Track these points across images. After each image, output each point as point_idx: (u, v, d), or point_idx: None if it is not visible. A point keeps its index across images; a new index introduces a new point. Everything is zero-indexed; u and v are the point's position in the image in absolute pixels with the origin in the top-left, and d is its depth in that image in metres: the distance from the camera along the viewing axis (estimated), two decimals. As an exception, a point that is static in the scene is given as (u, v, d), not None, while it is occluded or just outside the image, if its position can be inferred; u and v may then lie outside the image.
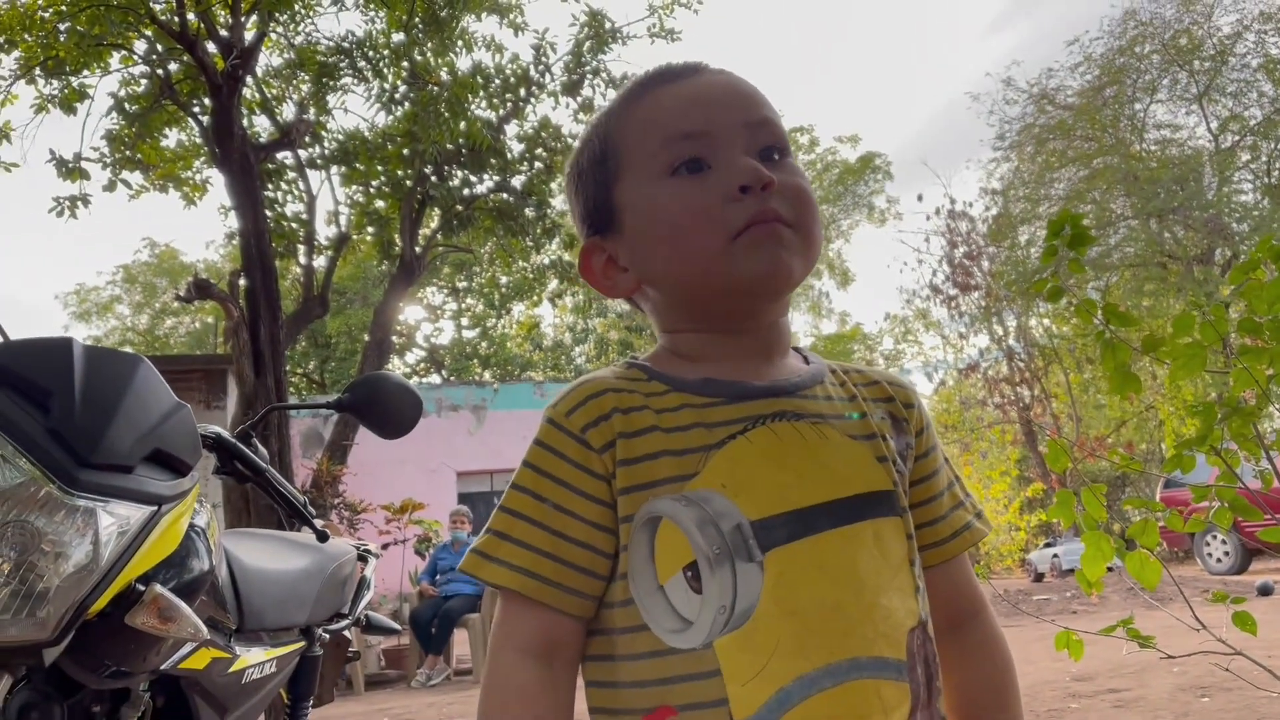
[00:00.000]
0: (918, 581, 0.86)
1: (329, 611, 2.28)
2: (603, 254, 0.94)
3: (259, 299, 8.72)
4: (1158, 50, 17.30)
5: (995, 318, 19.59)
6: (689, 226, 0.85)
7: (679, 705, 0.78)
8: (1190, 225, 16.38)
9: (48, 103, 9.61)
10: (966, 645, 0.93)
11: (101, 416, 1.35)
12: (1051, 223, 2.17)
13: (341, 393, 2.04)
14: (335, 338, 21.50)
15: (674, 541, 0.81)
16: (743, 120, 0.88)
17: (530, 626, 0.82)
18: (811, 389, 0.90)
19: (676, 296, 0.90)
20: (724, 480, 0.82)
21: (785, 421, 0.85)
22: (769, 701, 0.77)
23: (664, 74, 0.93)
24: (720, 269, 0.85)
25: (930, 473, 0.94)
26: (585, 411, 0.85)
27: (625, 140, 0.91)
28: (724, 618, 0.78)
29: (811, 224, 0.88)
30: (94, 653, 1.41)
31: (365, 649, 8.34)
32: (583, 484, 0.84)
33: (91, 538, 1.29)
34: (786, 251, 0.85)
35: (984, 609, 0.95)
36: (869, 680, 0.79)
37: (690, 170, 0.86)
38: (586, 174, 0.95)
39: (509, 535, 0.84)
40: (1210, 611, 2.27)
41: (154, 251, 28.45)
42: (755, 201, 0.84)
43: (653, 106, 0.90)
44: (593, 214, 0.94)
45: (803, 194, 0.88)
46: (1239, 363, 1.94)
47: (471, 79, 10.68)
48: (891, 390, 0.95)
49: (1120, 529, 12.66)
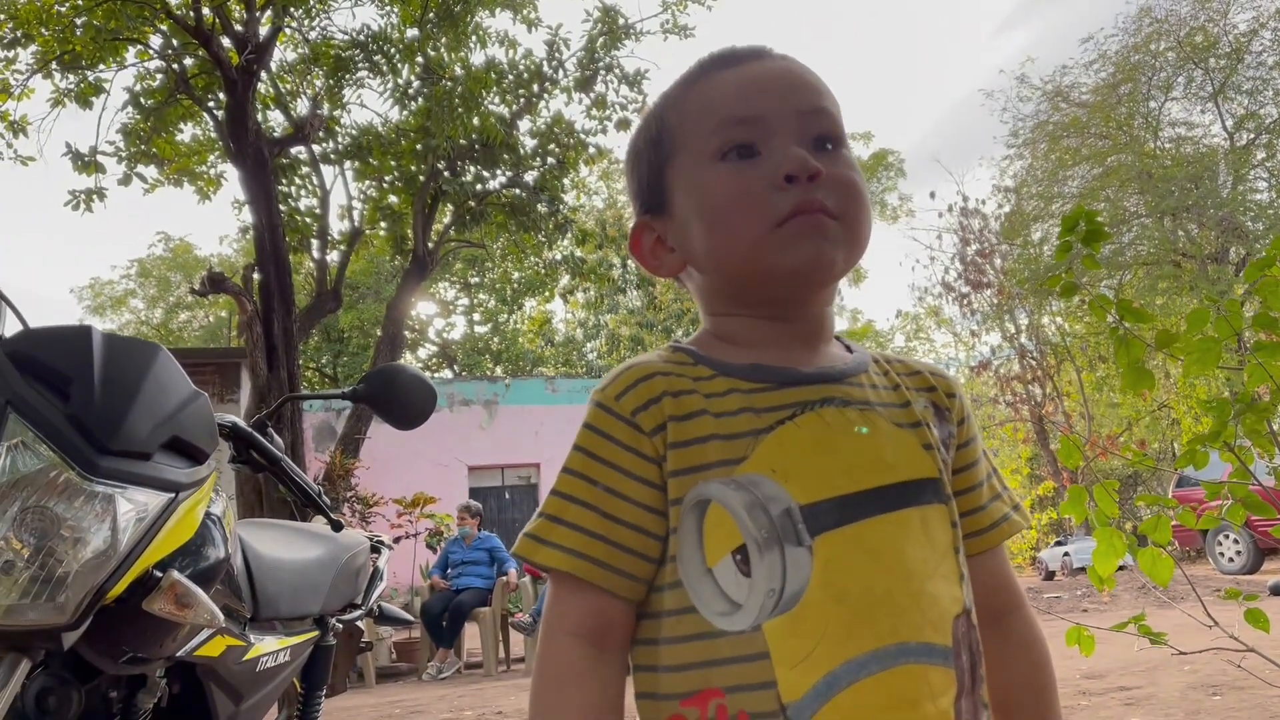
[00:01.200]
0: (962, 569, 0.87)
1: (342, 601, 2.29)
2: (652, 233, 0.95)
3: (272, 293, 8.76)
4: (1173, 47, 17.19)
5: (1007, 315, 19.52)
6: (732, 212, 0.85)
7: (725, 687, 0.78)
8: (1204, 224, 16.29)
9: (64, 97, 9.67)
10: (1007, 641, 0.93)
11: (120, 404, 1.36)
12: (1066, 218, 2.17)
13: (357, 384, 2.05)
14: (348, 332, 21.57)
15: (723, 525, 0.81)
16: (796, 108, 0.87)
17: (582, 609, 0.83)
18: (857, 377, 0.90)
19: (720, 281, 0.91)
20: (773, 465, 0.82)
21: (833, 407, 0.86)
22: (817, 685, 0.77)
23: (725, 57, 0.92)
24: (761, 257, 0.85)
25: (971, 462, 0.95)
26: (635, 395, 0.86)
27: (680, 122, 0.91)
28: (773, 601, 0.79)
29: (858, 217, 0.87)
30: (111, 638, 1.42)
31: (377, 641, 8.37)
32: (634, 467, 0.84)
33: (110, 524, 1.31)
34: (829, 244, 0.84)
35: (1023, 604, 0.95)
36: (916, 665, 0.79)
37: (740, 156, 0.86)
38: (642, 153, 0.95)
39: (561, 519, 0.84)
40: (1223, 609, 2.26)
41: (168, 246, 28.61)
42: (800, 191, 0.84)
43: (708, 90, 0.90)
44: (645, 193, 0.95)
45: (852, 186, 0.87)
46: (1253, 359, 1.93)
47: (485, 74, 10.69)
48: (934, 380, 0.96)
49: (1132, 527, 12.61)
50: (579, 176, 13.11)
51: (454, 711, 5.57)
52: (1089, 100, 17.95)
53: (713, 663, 0.79)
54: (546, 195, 11.45)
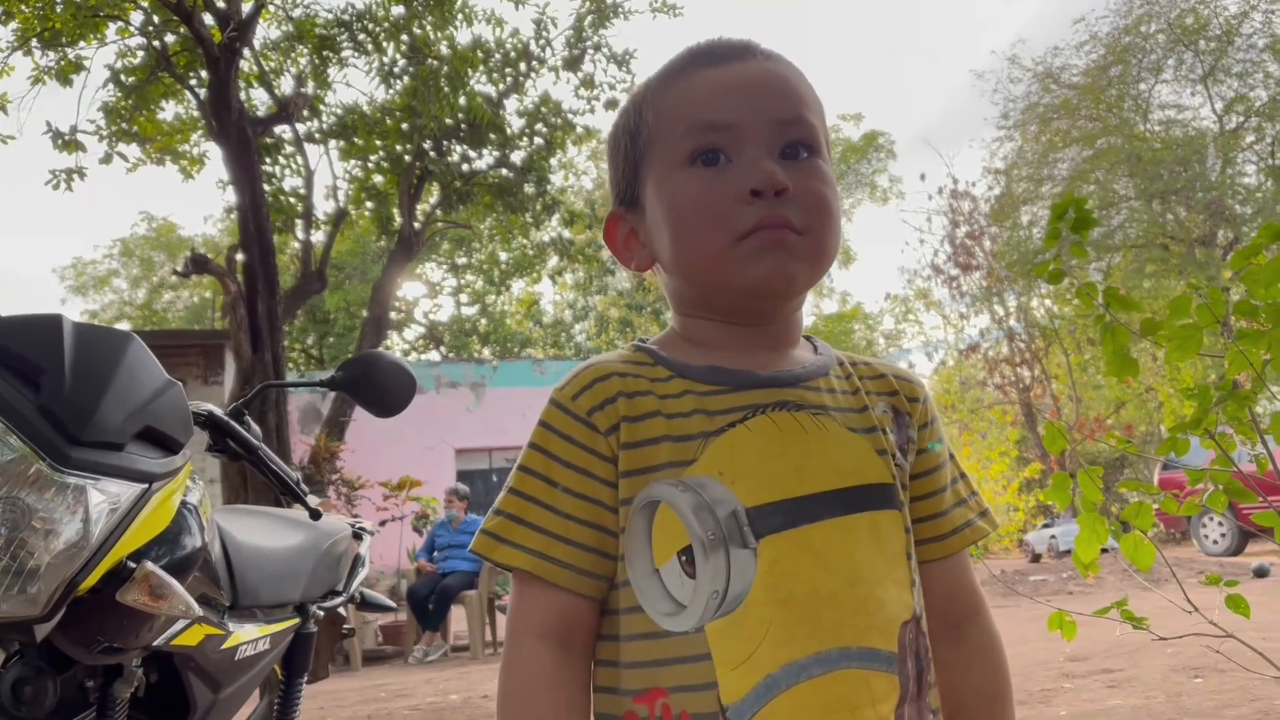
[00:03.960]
0: (914, 575, 0.87)
1: (323, 588, 2.28)
2: (626, 225, 0.95)
3: (257, 274, 8.69)
4: (1163, 30, 17.18)
5: (996, 298, 19.56)
6: (696, 222, 0.85)
7: (669, 687, 0.79)
8: (1193, 207, 16.33)
9: (44, 74, 9.55)
10: (963, 648, 0.92)
11: (92, 394, 1.34)
12: (1055, 205, 2.16)
13: (336, 371, 2.04)
14: (334, 313, 21.48)
15: (671, 526, 0.81)
16: (772, 116, 0.86)
17: (547, 610, 0.83)
18: (815, 380, 0.90)
19: (684, 286, 0.91)
20: (721, 467, 0.82)
21: (786, 411, 0.86)
22: (756, 687, 0.77)
23: (707, 54, 0.90)
24: (722, 269, 0.84)
25: (932, 468, 0.94)
26: (592, 395, 0.86)
27: (655, 120, 0.90)
28: (716, 602, 0.79)
29: (825, 232, 0.86)
30: (86, 629, 1.41)
31: (362, 625, 8.38)
32: (591, 466, 0.84)
33: (82, 515, 1.29)
34: (792, 260, 0.84)
35: (982, 611, 0.95)
36: (858, 670, 0.79)
37: (709, 163, 0.85)
38: (620, 143, 0.95)
39: (522, 519, 0.84)
40: (1205, 593, 2.27)
41: (151, 225, 28.38)
42: (765, 206, 0.83)
43: (686, 89, 0.89)
44: (621, 185, 0.95)
45: (820, 200, 0.86)
46: (1234, 346, 1.93)
47: (471, 53, 10.62)
48: (897, 384, 0.95)
49: (1118, 510, 12.69)
50: (567, 157, 13.04)
51: (440, 695, 5.59)
52: (1079, 82, 17.94)
53: (659, 662, 0.80)
54: (534, 176, 11.40)
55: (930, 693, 0.85)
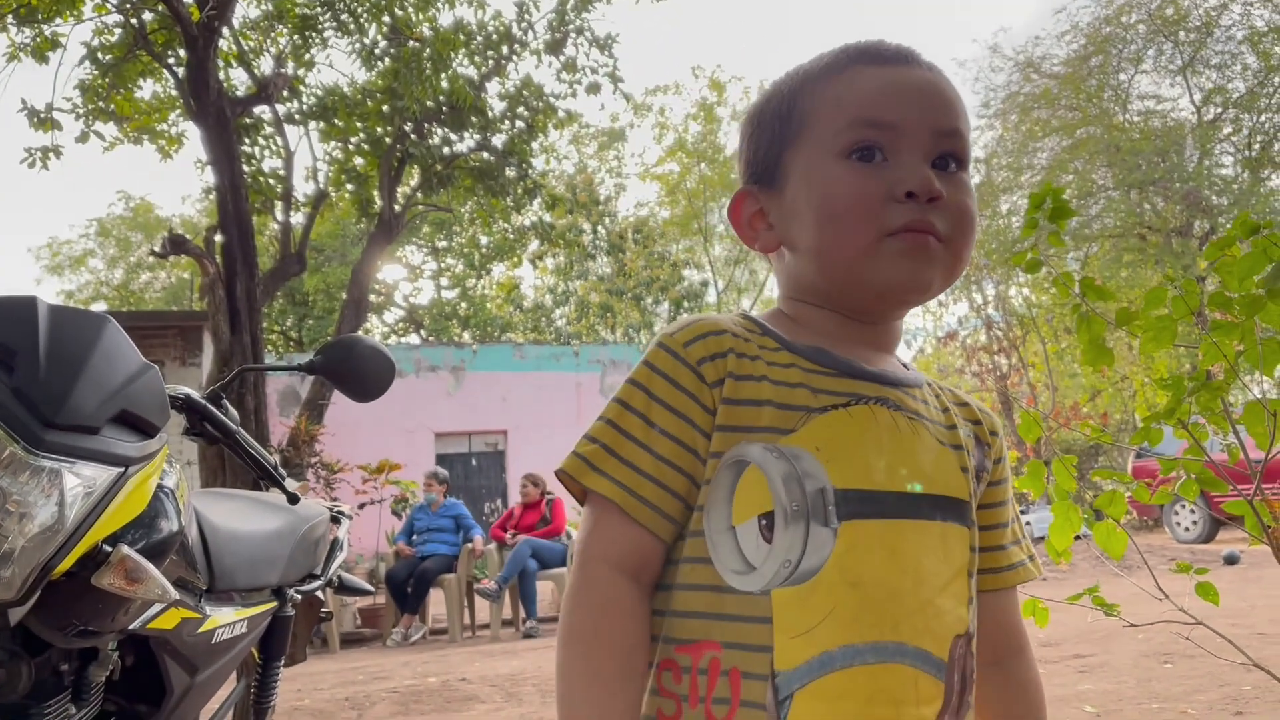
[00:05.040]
0: (972, 593, 0.89)
1: (301, 572, 2.28)
2: (755, 204, 0.95)
3: (235, 255, 8.63)
4: (1144, 20, 17.26)
5: (974, 286, 19.66)
6: (846, 214, 0.86)
7: (724, 642, 0.81)
8: (1170, 198, 16.44)
9: (20, 51, 9.41)
10: (1006, 683, 0.95)
11: (67, 377, 1.33)
12: (1033, 195, 2.17)
13: (315, 355, 2.03)
14: (313, 295, 21.35)
15: (755, 488, 0.83)
16: (933, 125, 0.88)
17: (625, 543, 0.84)
18: (912, 390, 0.92)
19: (814, 274, 0.91)
20: (819, 444, 0.84)
21: (886, 408, 0.88)
22: (811, 660, 0.79)
23: (873, 53, 0.91)
24: (863, 265, 0.86)
25: (999, 502, 0.97)
26: (704, 345, 0.87)
27: (814, 108, 0.90)
28: (787, 571, 0.81)
29: (964, 245, 0.88)
30: (61, 613, 1.40)
31: (341, 608, 8.37)
32: (692, 414, 0.86)
33: (57, 499, 1.28)
34: (931, 266, 0.86)
35: (1027, 650, 0.97)
36: (909, 668, 0.81)
37: (866, 159, 0.86)
38: (766, 125, 0.95)
39: (615, 451, 0.85)
40: (1176, 581, 2.30)
41: (129, 205, 28.09)
42: (916, 210, 0.85)
43: (850, 83, 0.89)
44: (758, 164, 0.95)
45: (965, 213, 0.88)
46: (1208, 338, 1.95)
47: (453, 35, 10.54)
48: (980, 415, 0.99)
49: (1092, 498, 12.82)
50: (548, 141, 12.99)
51: (418, 677, 5.59)
52: (1060, 72, 18.00)
53: (718, 616, 0.82)
54: (515, 159, 11.35)
55: (968, 713, 0.87)
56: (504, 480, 16.70)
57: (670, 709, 0.82)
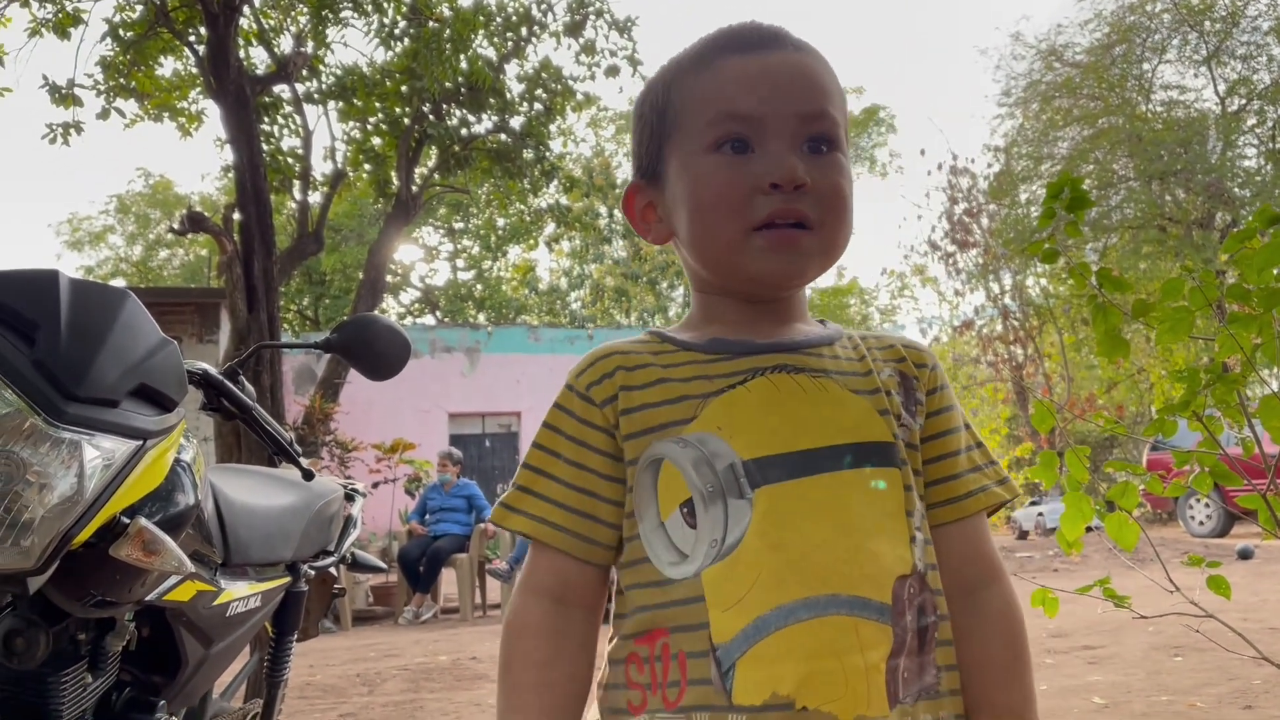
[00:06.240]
0: (914, 532, 0.88)
1: (315, 548, 2.30)
2: (645, 198, 0.98)
3: (253, 234, 8.66)
4: (1168, 9, 17.06)
5: (992, 275, 19.55)
6: (713, 209, 0.88)
7: (670, 628, 0.85)
8: (1192, 189, 16.29)
9: (42, 27, 9.44)
10: (979, 614, 0.91)
11: (88, 350, 1.34)
12: (1051, 185, 2.16)
13: (331, 333, 2.04)
14: (330, 275, 21.43)
15: (674, 481, 0.87)
16: (798, 110, 0.88)
17: (544, 570, 0.91)
18: (818, 348, 0.93)
19: (696, 264, 0.95)
20: (720, 423, 0.87)
21: (785, 374, 0.90)
22: (746, 628, 0.81)
23: (737, 41, 0.92)
24: (733, 257, 0.89)
25: (944, 430, 0.96)
26: (592, 372, 0.93)
27: (684, 102, 0.92)
28: (715, 550, 0.84)
29: (836, 227, 0.89)
30: (79, 583, 1.42)
31: (354, 586, 8.43)
32: (586, 437, 0.91)
33: (76, 470, 1.30)
34: (800, 258, 0.88)
35: (1000, 578, 0.94)
36: (847, 617, 0.81)
37: (736, 150, 0.88)
38: (646, 119, 0.97)
39: (531, 489, 0.92)
40: (1187, 574, 2.30)
41: (148, 182, 28.21)
42: (781, 199, 0.86)
43: (715, 77, 0.90)
44: (643, 158, 0.98)
45: (837, 195, 0.89)
46: (1225, 330, 1.94)
47: (473, 16, 10.51)
48: (905, 352, 0.98)
49: (1105, 489, 12.77)
50: (566, 123, 12.96)
51: (429, 655, 5.64)
52: (1082, 61, 17.82)
53: (661, 606, 0.86)
54: (533, 141, 11.34)
55: (938, 649, 0.86)
56: (516, 462, 16.53)
57: (638, 699, 0.86)
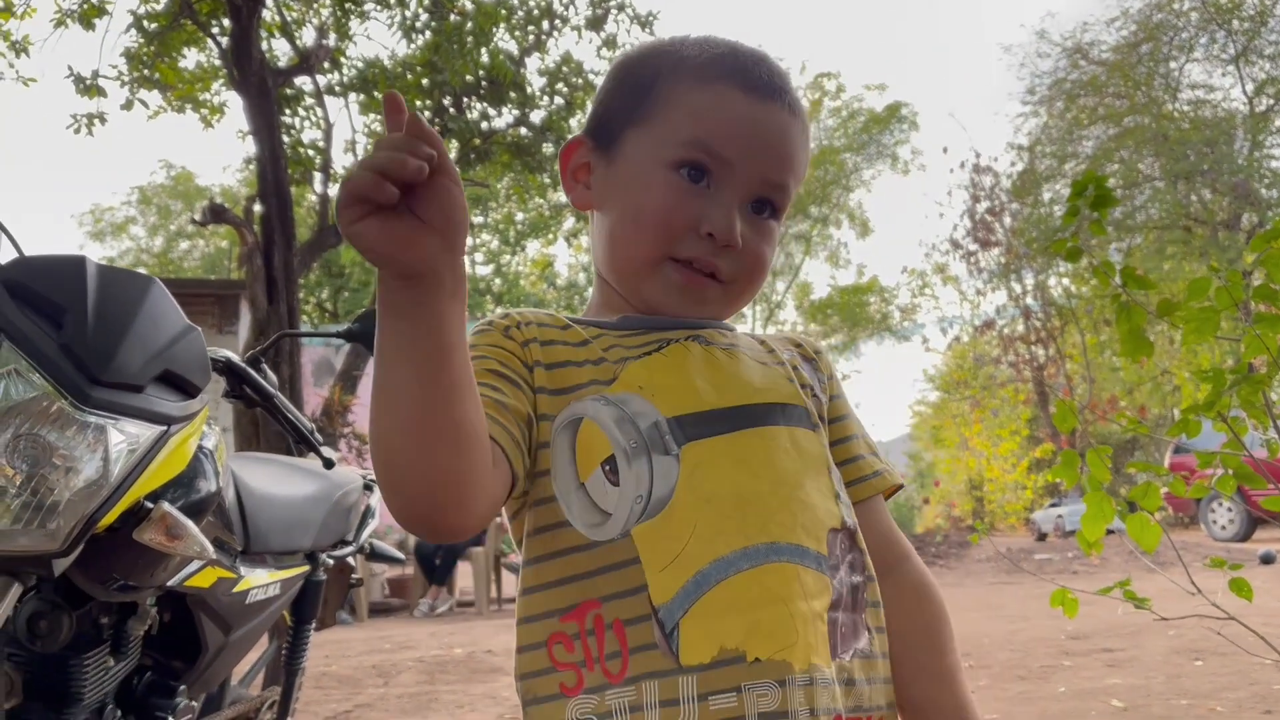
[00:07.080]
0: (838, 488, 0.90)
1: (334, 537, 2.31)
2: (584, 157, 0.96)
3: (274, 226, 8.71)
4: (1196, 7, 16.88)
5: (1014, 275, 19.44)
6: (646, 225, 0.88)
7: (601, 597, 0.80)
8: (1218, 189, 16.14)
9: (67, 17, 9.51)
10: (900, 590, 0.94)
11: (113, 335, 1.35)
12: (1075, 183, 2.14)
13: (352, 322, 2.05)
14: (349, 268, 21.50)
15: (594, 440, 0.84)
16: (764, 173, 0.89)
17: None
18: (722, 330, 0.95)
19: (605, 260, 0.94)
20: (641, 384, 0.86)
21: (698, 343, 0.91)
22: (686, 585, 0.79)
23: (744, 77, 0.89)
24: (640, 277, 0.90)
25: (842, 415, 0.99)
26: (508, 320, 0.89)
27: (670, 103, 0.90)
28: (640, 506, 0.81)
29: (746, 289, 0.92)
30: (102, 566, 1.43)
31: (370, 577, 8.47)
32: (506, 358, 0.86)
33: (102, 454, 1.31)
34: (702, 305, 0.90)
35: (910, 555, 0.97)
36: (788, 564, 0.81)
37: (693, 177, 0.88)
38: (625, 89, 0.94)
39: None
40: (1209, 577, 2.28)
41: (170, 173, 28.37)
42: (708, 249, 0.87)
43: (708, 101, 0.89)
44: (603, 122, 0.95)
45: (757, 261, 0.90)
46: (1251, 331, 1.92)
47: (495, 9, 10.52)
48: (800, 340, 1.03)
49: (1126, 491, 12.67)
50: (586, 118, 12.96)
51: (444, 648, 5.66)
52: (1108, 59, 17.67)
53: (588, 574, 0.81)
54: (553, 136, 11.34)
55: (869, 610, 0.87)
56: (534, 456, 16.75)
57: (571, 680, 0.80)
